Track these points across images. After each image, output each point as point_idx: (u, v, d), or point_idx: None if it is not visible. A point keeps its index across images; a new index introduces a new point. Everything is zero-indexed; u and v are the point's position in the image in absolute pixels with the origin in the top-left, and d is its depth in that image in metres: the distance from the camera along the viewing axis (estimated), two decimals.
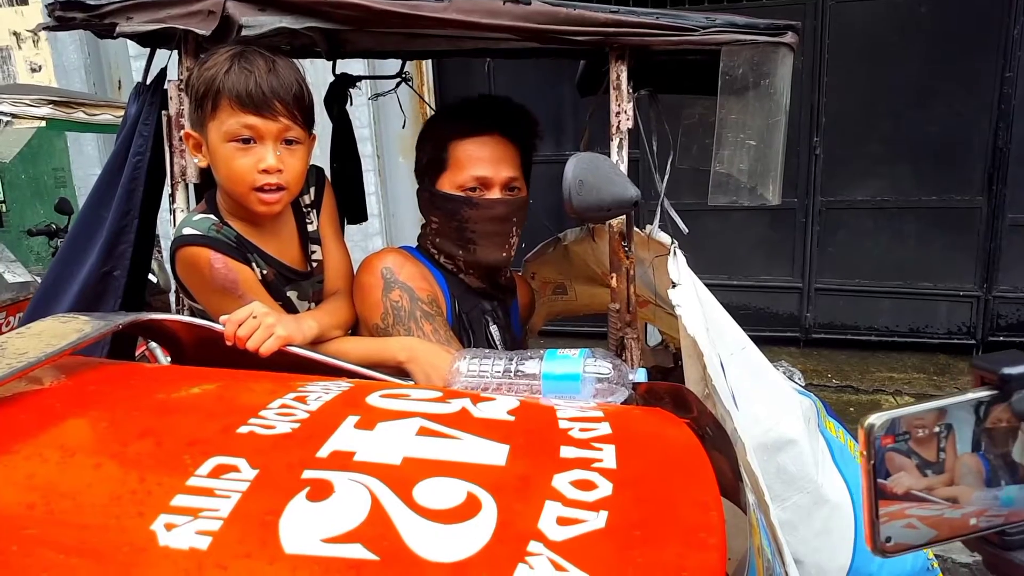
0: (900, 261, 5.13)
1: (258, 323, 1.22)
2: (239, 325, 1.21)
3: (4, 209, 4.02)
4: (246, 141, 1.30)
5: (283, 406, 0.92)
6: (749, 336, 1.44)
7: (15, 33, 5.39)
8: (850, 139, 5.04)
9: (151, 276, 3.15)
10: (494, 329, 1.60)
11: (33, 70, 5.43)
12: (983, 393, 0.65)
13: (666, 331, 2.12)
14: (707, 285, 1.38)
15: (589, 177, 1.16)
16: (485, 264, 1.58)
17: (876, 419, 0.63)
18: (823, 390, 4.81)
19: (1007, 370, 0.64)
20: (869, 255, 5.19)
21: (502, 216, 1.53)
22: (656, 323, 2.10)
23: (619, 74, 1.34)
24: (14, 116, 3.09)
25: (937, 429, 0.65)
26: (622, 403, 1.17)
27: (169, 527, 0.66)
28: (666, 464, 0.91)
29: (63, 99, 3.33)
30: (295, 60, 1.39)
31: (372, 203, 5.06)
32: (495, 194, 1.53)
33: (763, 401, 1.36)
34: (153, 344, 3.36)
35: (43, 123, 3.25)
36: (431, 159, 1.57)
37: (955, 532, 0.66)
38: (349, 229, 1.82)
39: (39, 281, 3.50)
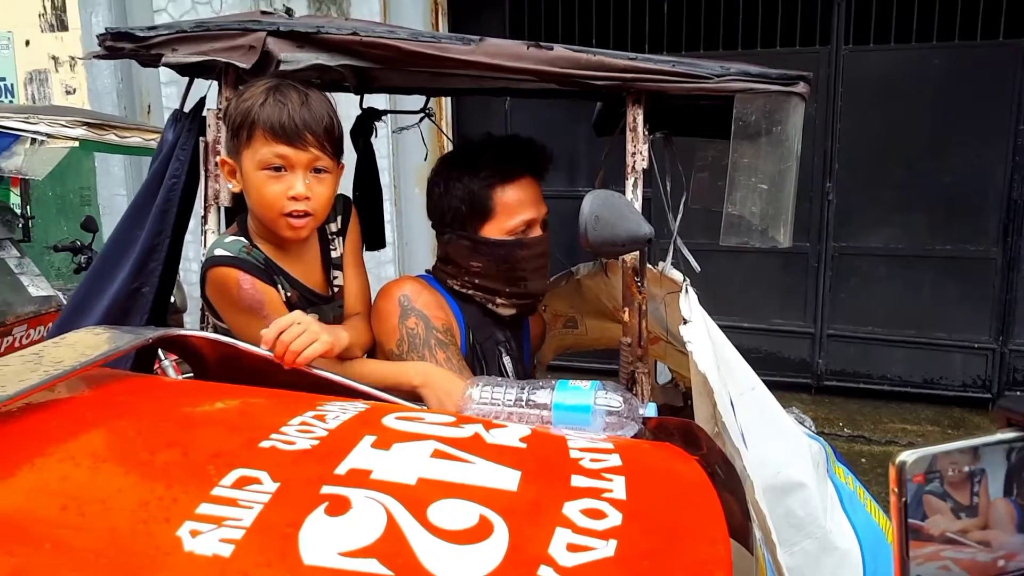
0: (914, 310, 5.12)
1: (303, 328, 1.26)
2: (282, 331, 1.25)
3: (31, 225, 4.11)
4: (277, 169, 1.37)
5: (303, 423, 0.95)
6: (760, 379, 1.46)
7: (54, 57, 5.56)
8: (863, 186, 5.07)
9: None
10: (507, 360, 1.63)
11: (68, 93, 5.58)
12: (1012, 435, 0.65)
13: (676, 369, 2.13)
14: (719, 327, 1.41)
15: (605, 213, 1.21)
16: (533, 295, 1.68)
17: (908, 456, 0.62)
18: (834, 439, 4.77)
19: None
20: (882, 303, 5.17)
21: (545, 251, 1.65)
22: (667, 361, 2.12)
23: (635, 117, 1.38)
24: (49, 136, 3.18)
25: (969, 469, 0.65)
26: (632, 437, 1.19)
27: (194, 534, 0.69)
28: (675, 498, 0.93)
29: (96, 121, 3.42)
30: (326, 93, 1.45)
31: (388, 231, 5.07)
32: (537, 231, 1.63)
33: (773, 443, 1.37)
34: (166, 363, 3.41)
35: (76, 143, 3.34)
36: (472, 208, 1.59)
37: (984, 575, 0.66)
38: (364, 255, 1.86)
39: (60, 296, 3.57)
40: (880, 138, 4.97)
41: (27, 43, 5.57)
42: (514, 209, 1.58)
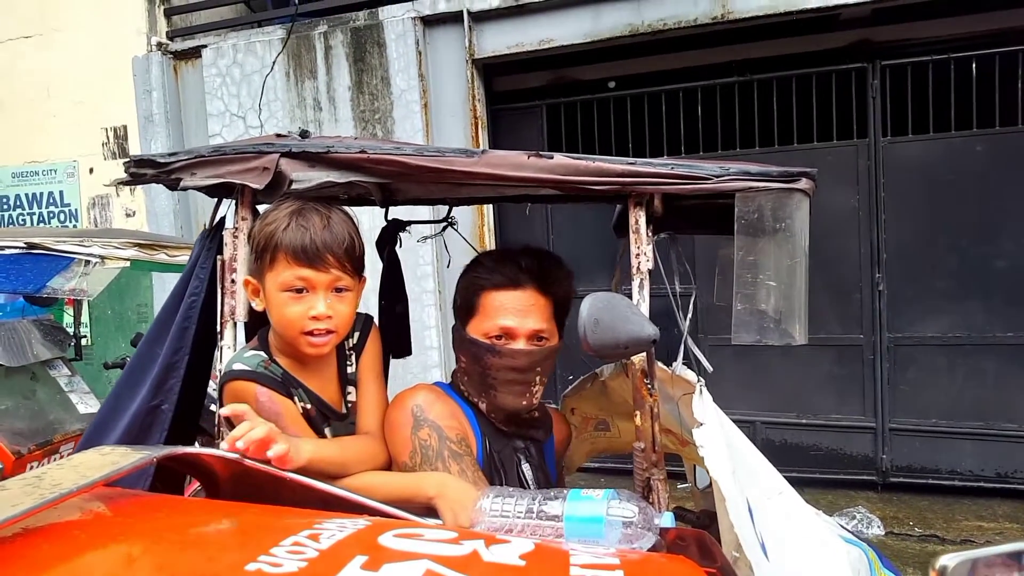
0: (979, 400, 4.89)
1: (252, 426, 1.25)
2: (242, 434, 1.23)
3: (88, 342, 4.27)
4: (299, 291, 1.41)
5: (295, 543, 0.93)
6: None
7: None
8: (914, 275, 4.96)
9: (213, 406, 3.24)
10: (526, 468, 1.59)
11: (128, 215, 5.90)
12: None
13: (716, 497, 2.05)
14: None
15: (605, 316, 1.19)
16: (504, 410, 1.59)
17: (950, 560, 0.62)
18: (904, 539, 4.49)
19: None
20: (945, 394, 4.97)
21: (524, 367, 1.55)
22: (702, 464, 2.04)
23: (638, 219, 1.39)
24: (103, 258, 3.33)
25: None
26: (648, 549, 1.13)
27: None
28: None
29: (147, 242, 3.59)
30: (350, 208, 1.50)
31: (432, 336, 5.16)
32: (519, 344, 1.56)
33: (802, 552, 1.29)
34: None
35: (127, 264, 3.49)
36: (463, 303, 1.63)
37: None
38: (408, 361, 1.87)
39: None
40: (927, 226, 4.91)
41: (91, 171, 5.95)
42: (493, 313, 1.57)
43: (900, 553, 4.26)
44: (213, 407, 3.22)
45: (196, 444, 1.85)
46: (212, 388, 2.54)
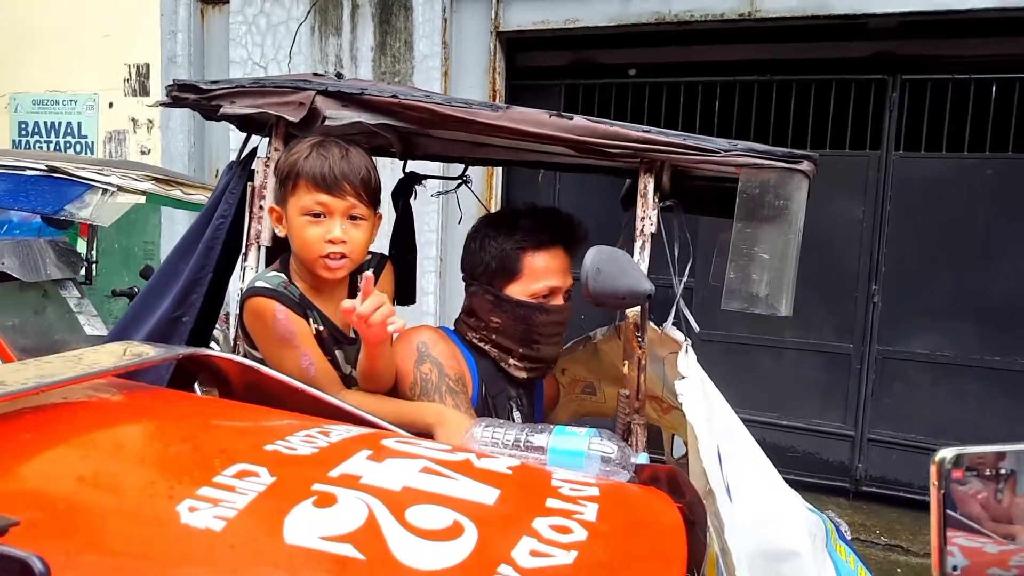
0: (960, 420, 4.94)
1: (390, 310, 1.39)
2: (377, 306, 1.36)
3: (95, 271, 4.36)
4: (317, 215, 1.50)
5: (308, 435, 1.03)
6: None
7: (133, 119, 5.98)
8: (910, 290, 5.01)
9: (214, 344, 3.32)
10: (517, 415, 1.69)
11: (143, 153, 5.96)
12: None
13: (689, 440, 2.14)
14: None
15: (607, 267, 1.28)
16: (544, 360, 1.73)
17: (946, 452, 0.74)
18: (870, 547, 4.60)
19: None
20: (927, 410, 5.02)
21: (564, 320, 1.71)
22: (680, 432, 2.13)
23: (647, 184, 1.48)
24: (120, 188, 3.41)
25: (1000, 470, 0.75)
26: None
27: (192, 509, 0.77)
28: (644, 530, 0.97)
29: (164, 177, 3.66)
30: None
31: (430, 302, 5.25)
32: (559, 300, 1.69)
33: (768, 509, 1.39)
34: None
35: (143, 198, 3.57)
36: (501, 266, 1.68)
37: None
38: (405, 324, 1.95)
39: None
40: (929, 243, 4.94)
41: (110, 105, 6.02)
42: (540, 274, 1.66)
43: (863, 559, 4.38)
44: (214, 345, 3.32)
45: None
46: (216, 329, 2.62)
